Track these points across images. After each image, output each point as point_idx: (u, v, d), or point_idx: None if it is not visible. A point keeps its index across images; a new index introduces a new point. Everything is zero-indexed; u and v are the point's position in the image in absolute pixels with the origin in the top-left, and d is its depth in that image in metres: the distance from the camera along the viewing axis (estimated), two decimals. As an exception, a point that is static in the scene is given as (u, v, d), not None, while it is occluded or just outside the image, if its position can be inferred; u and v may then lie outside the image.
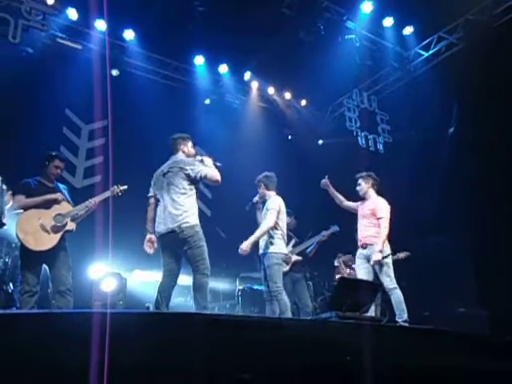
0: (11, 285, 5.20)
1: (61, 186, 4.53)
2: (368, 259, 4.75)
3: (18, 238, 4.07)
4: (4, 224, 3.88)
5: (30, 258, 4.04)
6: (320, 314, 4.37)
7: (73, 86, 6.73)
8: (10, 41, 5.44)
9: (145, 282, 7.11)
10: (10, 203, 4.10)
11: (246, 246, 4.47)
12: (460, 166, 6.94)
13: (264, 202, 4.91)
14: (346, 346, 2.76)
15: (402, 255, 6.12)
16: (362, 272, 4.72)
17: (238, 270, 7.00)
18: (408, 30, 7.82)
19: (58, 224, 4.15)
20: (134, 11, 6.86)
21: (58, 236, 4.12)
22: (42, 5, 6.08)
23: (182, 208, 3.92)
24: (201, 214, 9.14)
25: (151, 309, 4.60)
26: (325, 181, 5.32)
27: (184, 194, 3.97)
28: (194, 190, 4.06)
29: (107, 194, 4.48)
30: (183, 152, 4.25)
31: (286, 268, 5.74)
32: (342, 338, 2.86)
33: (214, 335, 2.35)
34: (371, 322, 3.32)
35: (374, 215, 4.90)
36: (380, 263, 4.63)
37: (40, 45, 6.63)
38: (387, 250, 4.76)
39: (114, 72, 7.33)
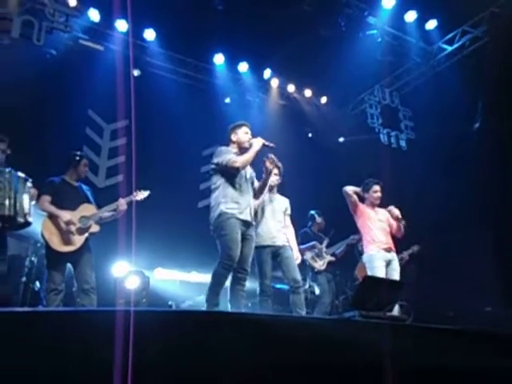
0: (37, 283, 5.29)
1: (84, 186, 4.57)
2: (388, 264, 4.86)
3: (42, 237, 4.14)
4: (30, 223, 3.93)
5: (54, 258, 4.10)
6: (343, 312, 4.32)
7: (95, 86, 6.81)
8: (35, 43, 5.53)
9: (167, 280, 7.18)
10: (33, 201, 4.15)
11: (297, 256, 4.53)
12: (485, 161, 6.79)
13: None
14: (369, 345, 2.72)
15: (415, 248, 6.15)
16: (380, 272, 4.74)
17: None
18: (431, 25, 7.66)
19: (83, 226, 4.20)
20: (155, 11, 6.90)
21: (82, 238, 4.17)
22: (65, 7, 6.19)
23: (211, 203, 3.96)
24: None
25: (174, 307, 4.65)
26: None
27: (214, 185, 3.95)
28: (223, 179, 3.90)
29: (129, 198, 4.53)
30: (233, 142, 4.08)
31: (323, 267, 6.03)
32: (366, 337, 2.83)
33: (236, 334, 2.35)
34: (395, 322, 3.28)
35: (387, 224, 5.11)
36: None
37: (63, 46, 6.72)
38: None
39: (136, 72, 7.39)
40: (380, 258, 4.84)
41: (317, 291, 6.02)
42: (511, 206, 6.31)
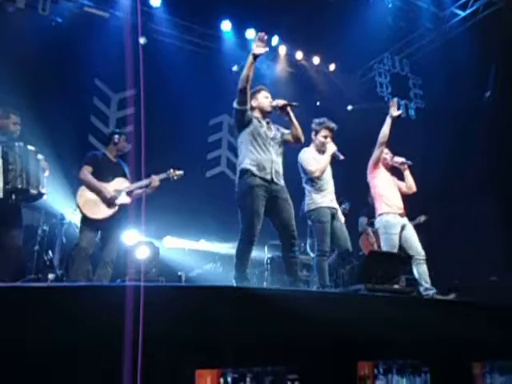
0: (50, 252, 5.42)
1: (122, 162, 4.69)
2: (403, 228, 4.68)
3: (76, 204, 4.32)
4: (43, 193, 4.09)
5: (86, 223, 4.27)
6: (349, 283, 4.40)
7: (101, 55, 6.74)
8: (40, 13, 5.46)
9: (176, 248, 7.31)
10: (47, 172, 4.24)
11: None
12: (495, 130, 6.71)
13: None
14: (376, 318, 2.80)
15: (422, 218, 6.15)
16: (396, 239, 4.57)
17: (266, 237, 7.08)
18: (444, -12, 7.46)
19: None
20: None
21: (113, 209, 4.32)
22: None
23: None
24: (230, 182, 9.17)
25: (183, 278, 4.75)
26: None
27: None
28: (245, 136, 3.79)
29: (162, 175, 4.67)
30: (253, 108, 3.91)
31: None
32: (372, 310, 2.90)
33: (242, 308, 2.42)
34: (401, 294, 3.35)
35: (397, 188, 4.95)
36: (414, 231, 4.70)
37: (68, 14, 6.63)
38: None
39: (142, 40, 7.27)
40: (395, 223, 4.64)
41: None
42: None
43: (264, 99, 3.93)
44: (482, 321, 3.13)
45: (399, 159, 4.96)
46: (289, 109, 3.87)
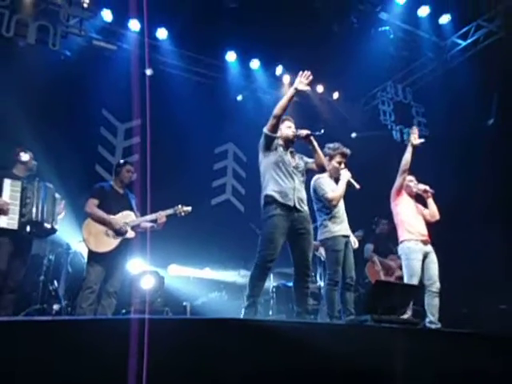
0: (55, 282, 5.42)
1: (130, 194, 4.72)
2: (426, 256, 4.62)
3: (82, 237, 4.32)
4: (56, 230, 4.29)
5: (92, 257, 4.28)
6: (355, 312, 4.35)
7: (108, 86, 6.88)
8: (50, 48, 5.61)
9: (181, 276, 7.28)
10: (63, 213, 4.44)
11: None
12: (498, 158, 6.73)
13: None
14: (382, 349, 2.76)
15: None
16: (418, 266, 4.52)
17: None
18: (445, 19, 7.56)
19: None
20: (166, 9, 6.92)
21: (116, 241, 4.32)
22: (79, 8, 6.23)
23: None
24: (235, 210, 9.22)
25: (188, 308, 4.72)
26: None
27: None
28: (269, 163, 3.85)
29: (169, 211, 4.63)
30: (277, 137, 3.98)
31: None
32: (378, 341, 2.86)
33: (246, 341, 2.40)
34: (408, 326, 3.31)
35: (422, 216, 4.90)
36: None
37: (77, 47, 6.77)
38: None
39: (148, 71, 7.44)
40: (418, 250, 4.57)
41: None
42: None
43: (287, 129, 3.99)
44: (492, 353, 3.08)
45: (422, 187, 4.95)
46: (312, 138, 3.92)
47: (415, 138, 4.78)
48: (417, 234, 4.67)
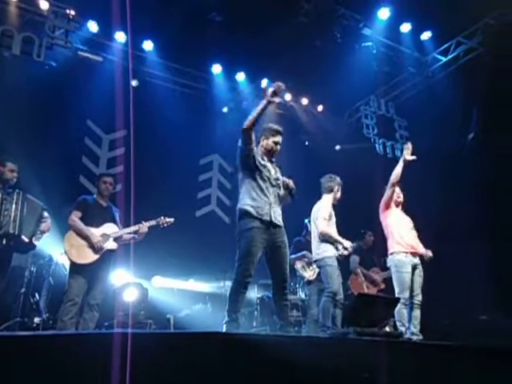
0: (36, 295, 5.34)
1: (113, 208, 4.65)
2: (415, 268, 4.65)
3: (64, 249, 4.27)
4: (35, 246, 4.25)
5: (73, 269, 4.21)
6: (337, 325, 4.38)
7: (94, 97, 6.88)
8: (35, 59, 5.59)
9: (165, 288, 7.24)
10: (46, 233, 4.37)
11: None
12: (479, 172, 6.86)
13: None
14: (364, 362, 2.78)
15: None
16: (408, 278, 4.54)
17: (256, 276, 7.04)
18: (426, 35, 7.79)
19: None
20: (153, 21, 6.97)
21: (98, 254, 4.26)
22: (64, 19, 6.23)
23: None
24: (219, 221, 9.18)
25: (172, 320, 4.69)
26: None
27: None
28: (246, 176, 3.70)
29: (152, 222, 4.61)
30: (260, 145, 3.85)
31: (313, 277, 5.73)
32: (361, 354, 2.89)
33: (230, 355, 2.40)
34: (390, 339, 3.34)
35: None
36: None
37: (62, 58, 6.75)
38: None
39: (134, 82, 7.45)
40: (408, 262, 4.60)
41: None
42: (506, 216, 6.38)
43: (269, 142, 3.82)
44: (473, 365, 3.12)
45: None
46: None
47: (408, 154, 4.84)
48: (406, 245, 4.69)
